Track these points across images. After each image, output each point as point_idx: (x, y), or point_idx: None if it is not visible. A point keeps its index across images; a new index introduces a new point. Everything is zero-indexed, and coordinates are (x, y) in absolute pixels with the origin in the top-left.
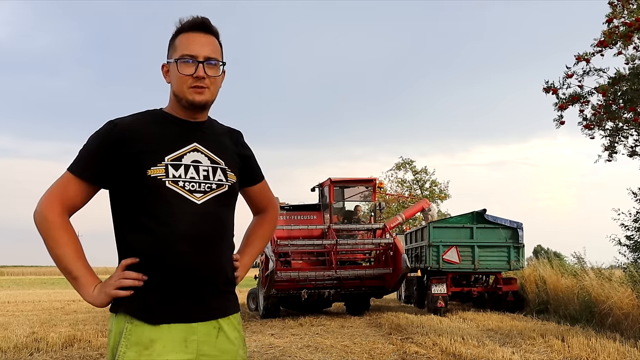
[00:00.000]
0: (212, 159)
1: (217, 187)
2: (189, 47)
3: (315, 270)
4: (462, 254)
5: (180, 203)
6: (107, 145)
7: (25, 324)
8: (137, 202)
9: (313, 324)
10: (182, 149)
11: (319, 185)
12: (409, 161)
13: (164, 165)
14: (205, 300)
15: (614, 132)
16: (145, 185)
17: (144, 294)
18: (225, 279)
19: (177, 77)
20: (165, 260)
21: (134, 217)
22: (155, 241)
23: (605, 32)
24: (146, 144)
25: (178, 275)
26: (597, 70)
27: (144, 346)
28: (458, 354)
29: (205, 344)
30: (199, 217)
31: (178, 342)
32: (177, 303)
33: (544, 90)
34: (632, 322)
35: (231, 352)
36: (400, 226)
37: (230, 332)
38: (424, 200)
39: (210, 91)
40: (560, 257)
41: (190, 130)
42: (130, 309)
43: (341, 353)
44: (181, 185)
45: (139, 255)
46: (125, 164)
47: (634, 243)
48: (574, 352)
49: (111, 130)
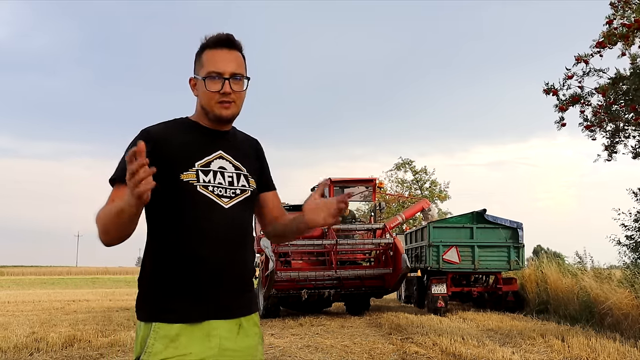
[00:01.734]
0: (235, 165)
1: (241, 193)
2: (215, 65)
3: (315, 270)
4: (462, 254)
5: (210, 207)
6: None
7: (25, 324)
8: (169, 205)
9: (313, 324)
10: (209, 156)
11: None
12: (409, 161)
13: (195, 171)
14: (230, 300)
15: (615, 132)
16: (178, 189)
17: (172, 299)
18: (247, 279)
19: (205, 94)
20: (195, 261)
21: (165, 219)
22: (186, 242)
23: (604, 33)
24: (177, 149)
25: (206, 276)
26: (597, 71)
27: (170, 339)
28: (458, 354)
29: (228, 340)
30: (227, 221)
31: (201, 336)
32: (203, 303)
33: (544, 92)
34: (632, 322)
35: (251, 348)
36: (400, 226)
37: (250, 329)
38: (424, 200)
39: (236, 105)
40: (560, 257)
41: (216, 138)
42: (159, 317)
43: (341, 353)
44: (211, 189)
45: (166, 258)
46: (159, 168)
47: (634, 243)
48: (574, 352)
49: (146, 135)
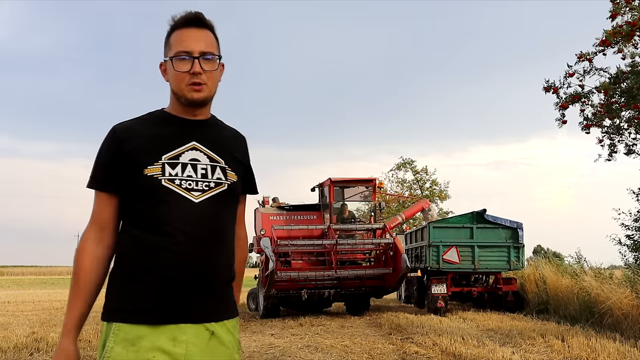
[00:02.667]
0: (211, 157)
1: (216, 186)
2: (183, 44)
3: (315, 270)
4: (462, 254)
5: (177, 201)
6: (111, 152)
7: (25, 324)
8: (135, 202)
9: (313, 324)
10: (179, 148)
11: (319, 185)
12: (410, 161)
13: (161, 164)
14: (198, 303)
15: (614, 131)
16: (142, 185)
17: (135, 297)
18: (221, 281)
19: (174, 75)
20: (159, 260)
21: (132, 216)
22: (150, 240)
23: (609, 31)
24: (143, 144)
25: (171, 276)
26: (599, 70)
27: (130, 342)
28: (458, 354)
29: (195, 346)
30: (196, 216)
31: (166, 340)
32: (167, 305)
33: (544, 90)
34: (632, 322)
35: (223, 355)
36: (400, 226)
37: (224, 336)
38: (424, 200)
39: (208, 87)
40: (560, 257)
41: (190, 128)
42: (119, 317)
43: (341, 353)
44: (177, 183)
45: (132, 255)
46: (125, 165)
47: (634, 243)
48: (574, 352)
49: (112, 135)
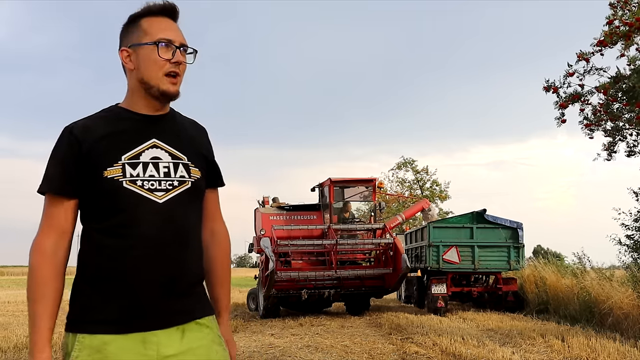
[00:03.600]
0: (173, 154)
1: (180, 184)
2: (165, 31)
3: (315, 270)
4: (462, 254)
5: (140, 203)
6: (68, 153)
7: (25, 324)
8: (95, 206)
9: (313, 324)
10: (139, 146)
11: (319, 185)
12: (410, 161)
13: (121, 165)
14: (165, 307)
15: (614, 131)
16: (102, 188)
17: (99, 307)
18: (188, 282)
19: (155, 61)
20: (123, 266)
21: (93, 220)
22: (113, 245)
23: (606, 32)
24: (102, 144)
25: (136, 282)
26: (598, 70)
27: (96, 349)
28: (458, 354)
29: (168, 346)
30: (161, 217)
31: (135, 343)
32: (133, 313)
33: (544, 89)
34: (632, 322)
35: (201, 349)
36: (400, 226)
37: (199, 332)
38: (424, 200)
39: (180, 81)
40: (560, 257)
41: (149, 125)
42: (84, 328)
43: (341, 353)
44: (140, 184)
45: (94, 262)
46: (83, 167)
47: (634, 243)
48: (574, 352)
49: (68, 136)
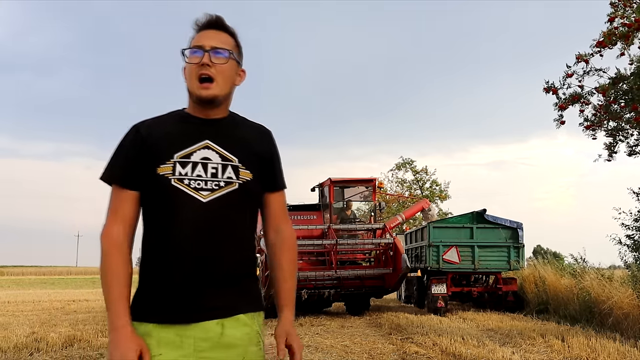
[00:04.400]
0: (224, 156)
1: (226, 185)
2: (198, 41)
3: (315, 270)
4: (462, 254)
5: (184, 201)
6: (133, 149)
7: (25, 324)
8: (148, 201)
9: (313, 324)
10: (192, 147)
11: (319, 185)
12: (410, 161)
13: (172, 163)
14: (205, 301)
15: (615, 131)
16: (154, 184)
17: (144, 297)
18: (231, 278)
19: (187, 71)
20: (167, 260)
21: (147, 215)
22: (160, 240)
23: (605, 32)
24: (159, 142)
25: (178, 276)
26: (598, 70)
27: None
28: (458, 354)
29: (204, 341)
30: (203, 216)
31: (172, 336)
32: (173, 306)
33: (544, 91)
34: (632, 322)
35: (237, 348)
36: (400, 226)
37: (238, 329)
38: (424, 200)
39: (218, 85)
40: (560, 257)
41: (205, 127)
42: (134, 315)
43: (341, 353)
44: (186, 183)
45: (148, 254)
46: (144, 163)
47: (634, 242)
48: (574, 352)
49: (135, 133)
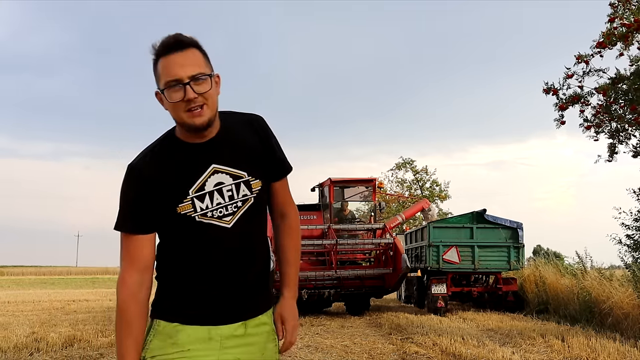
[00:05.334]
0: (234, 174)
1: (244, 203)
2: (170, 73)
3: (315, 270)
4: (462, 254)
5: (212, 232)
6: (139, 192)
7: (25, 324)
8: (173, 237)
9: (313, 324)
10: (202, 176)
11: (319, 185)
12: (410, 161)
13: (190, 200)
14: (232, 307)
15: (615, 132)
16: (177, 223)
17: (174, 301)
18: (256, 286)
19: (170, 106)
20: (199, 280)
21: (172, 247)
22: (189, 262)
23: (604, 33)
24: (169, 181)
25: (212, 295)
26: (597, 71)
27: (168, 335)
28: (458, 354)
29: (229, 339)
30: (231, 239)
31: (202, 333)
32: (205, 313)
33: (544, 91)
34: (632, 322)
35: (258, 345)
36: (400, 226)
37: (258, 328)
38: (424, 200)
39: (208, 107)
40: (560, 257)
41: (205, 152)
42: (159, 315)
43: (341, 353)
44: (210, 215)
45: (176, 275)
46: (156, 205)
47: (634, 242)
48: (574, 352)
49: (138, 175)
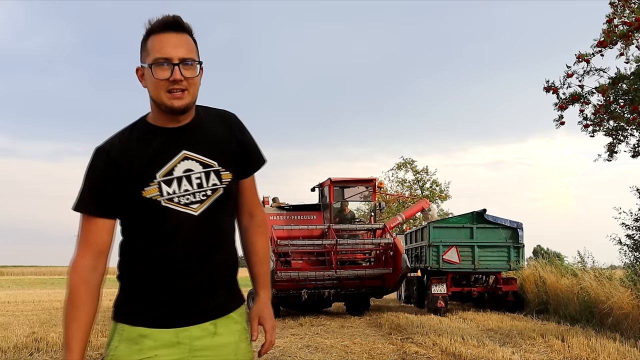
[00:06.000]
0: (204, 163)
1: (213, 192)
2: (162, 50)
3: (315, 270)
4: (462, 254)
5: (178, 218)
6: (105, 174)
7: (25, 324)
8: (136, 222)
9: (313, 324)
10: (171, 161)
11: (319, 185)
12: (410, 161)
13: (157, 184)
14: (201, 306)
15: (615, 131)
16: (143, 207)
17: (139, 301)
18: (225, 281)
19: (153, 82)
20: (163, 270)
21: (136, 234)
22: (157, 256)
23: (605, 31)
24: (137, 164)
25: (176, 287)
26: (598, 70)
27: (134, 341)
28: (458, 354)
29: (200, 340)
30: (197, 228)
31: (169, 336)
32: (170, 311)
33: (544, 90)
34: (632, 322)
35: (230, 346)
36: (400, 226)
37: (229, 327)
38: (424, 200)
39: (189, 93)
40: (560, 257)
41: (177, 137)
42: (123, 318)
43: (341, 353)
44: (177, 201)
45: (136, 264)
46: (122, 189)
47: (634, 242)
48: (574, 352)
49: (105, 157)
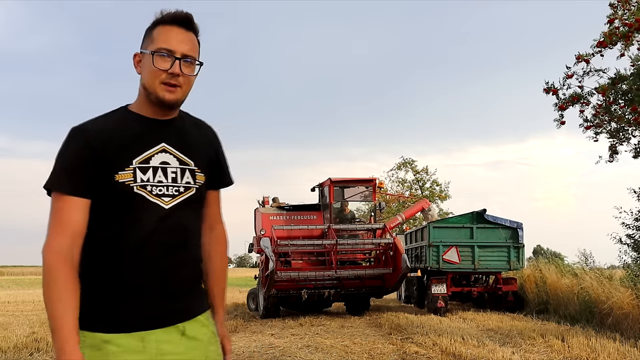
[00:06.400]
0: (181, 159)
1: (185, 190)
2: (167, 41)
3: (315, 270)
4: (462, 254)
5: (147, 208)
6: (81, 154)
7: (25, 324)
8: (104, 208)
9: (313, 324)
10: (149, 150)
11: (319, 185)
12: (410, 161)
13: (132, 169)
14: (165, 309)
15: (616, 132)
16: (114, 192)
17: (100, 305)
18: (189, 283)
19: (151, 70)
20: (126, 268)
21: (103, 222)
22: (120, 248)
23: (605, 32)
24: (113, 147)
25: (139, 284)
26: (598, 71)
27: (97, 347)
28: (458, 354)
29: (167, 343)
30: (165, 223)
31: (135, 342)
32: (133, 314)
33: (544, 91)
34: (632, 322)
35: (198, 349)
36: (400, 226)
37: (197, 330)
38: (424, 200)
39: (182, 90)
40: (560, 257)
41: (158, 129)
42: (83, 325)
43: (341, 353)
44: (149, 189)
45: (98, 262)
46: (96, 169)
47: (634, 242)
48: (574, 352)
49: (81, 136)
